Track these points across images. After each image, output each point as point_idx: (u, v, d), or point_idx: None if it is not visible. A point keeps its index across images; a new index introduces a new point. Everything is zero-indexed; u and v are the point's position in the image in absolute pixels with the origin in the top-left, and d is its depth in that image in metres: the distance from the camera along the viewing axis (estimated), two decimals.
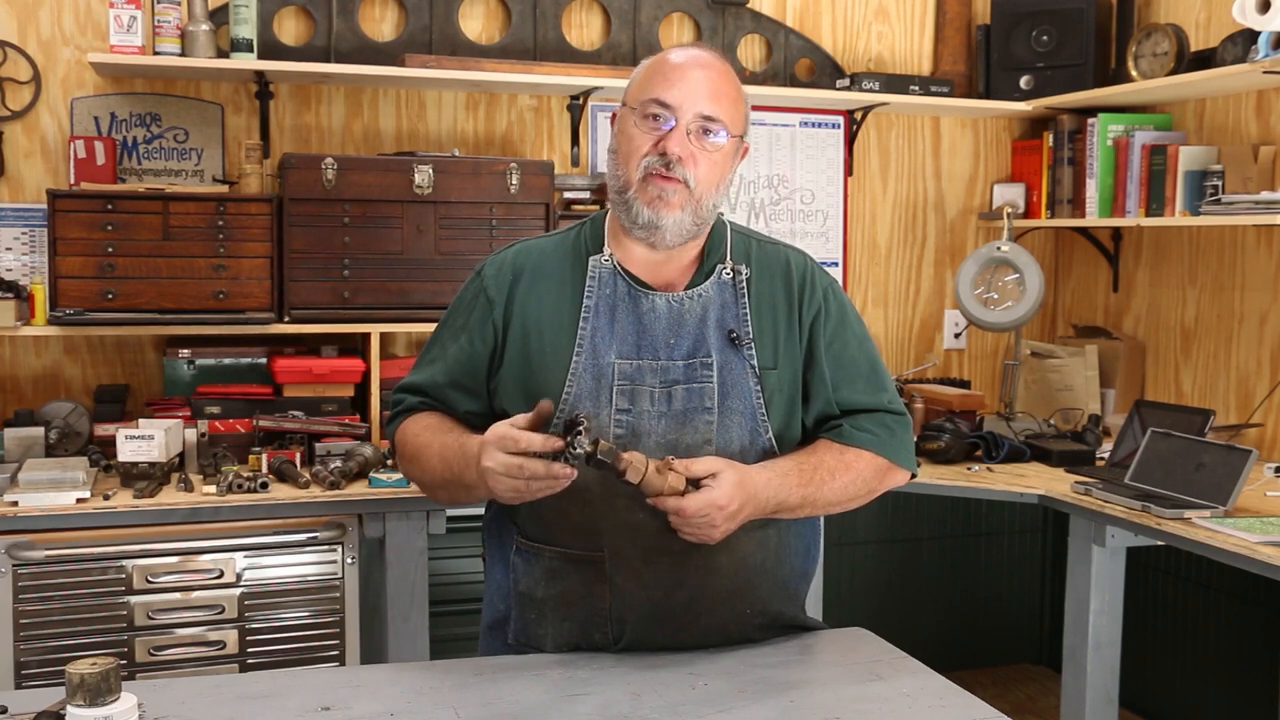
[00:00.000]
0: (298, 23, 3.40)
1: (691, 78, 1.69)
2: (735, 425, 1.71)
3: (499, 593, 1.82)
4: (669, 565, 1.69)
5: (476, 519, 3.17)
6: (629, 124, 1.72)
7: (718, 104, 1.70)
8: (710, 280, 1.75)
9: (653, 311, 1.73)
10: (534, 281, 1.77)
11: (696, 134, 1.69)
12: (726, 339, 1.73)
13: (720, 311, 1.74)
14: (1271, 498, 2.83)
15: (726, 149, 1.72)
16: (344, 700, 1.53)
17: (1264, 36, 3.08)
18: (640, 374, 1.70)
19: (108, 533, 2.67)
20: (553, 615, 1.74)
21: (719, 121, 1.70)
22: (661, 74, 1.71)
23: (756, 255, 1.80)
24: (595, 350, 1.71)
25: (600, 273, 1.75)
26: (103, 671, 1.26)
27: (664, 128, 1.68)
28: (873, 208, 4.03)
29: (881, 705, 1.56)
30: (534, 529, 1.76)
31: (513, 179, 3.23)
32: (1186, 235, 3.67)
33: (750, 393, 1.71)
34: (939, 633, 3.99)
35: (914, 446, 1.85)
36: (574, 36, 3.64)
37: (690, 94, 1.68)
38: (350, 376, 3.20)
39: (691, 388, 1.70)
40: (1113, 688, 2.91)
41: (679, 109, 1.68)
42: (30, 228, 3.19)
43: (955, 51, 3.95)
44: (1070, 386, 3.77)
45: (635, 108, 1.71)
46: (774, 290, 1.78)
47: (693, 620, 1.72)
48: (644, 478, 1.54)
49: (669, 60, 1.73)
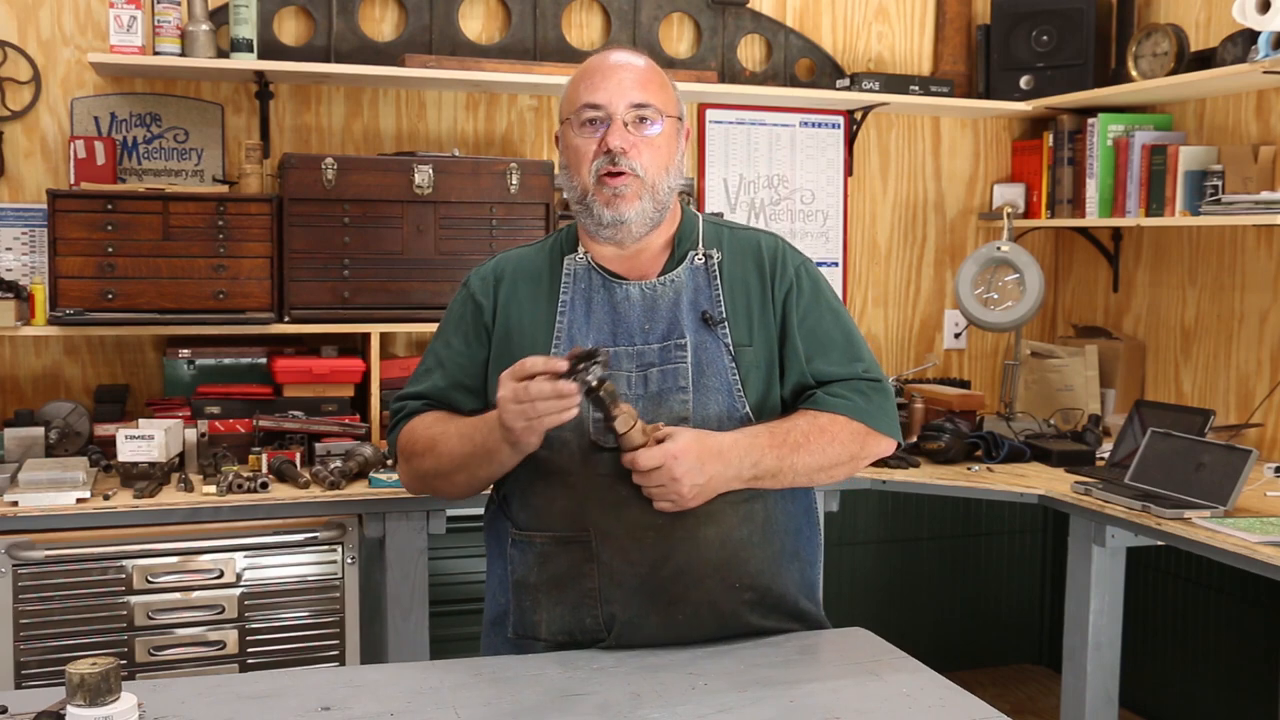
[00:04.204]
0: (298, 23, 3.40)
1: (615, 76, 1.78)
2: (712, 401, 1.77)
3: (499, 586, 1.86)
4: (654, 539, 1.72)
5: (477, 519, 3.17)
6: (570, 136, 1.81)
7: (646, 91, 1.79)
8: (682, 266, 1.83)
9: (627, 300, 1.81)
10: (514, 284, 1.86)
11: (634, 123, 1.78)
12: (701, 320, 1.79)
13: (694, 295, 1.82)
14: (1271, 498, 2.83)
15: (666, 131, 1.81)
16: (344, 700, 1.53)
17: (1264, 36, 3.08)
18: (617, 360, 1.76)
19: (108, 533, 2.67)
20: (545, 600, 1.77)
21: (650, 107, 1.78)
22: (587, 80, 1.80)
23: (728, 240, 1.88)
24: (573, 341, 1.78)
25: (575, 269, 1.84)
26: (103, 671, 1.26)
27: (602, 128, 1.77)
28: (873, 208, 4.03)
29: (881, 705, 1.56)
30: (526, 518, 1.80)
31: (513, 179, 3.23)
32: (1186, 235, 3.67)
33: (725, 369, 1.78)
34: (939, 633, 3.99)
35: (895, 414, 1.87)
36: (574, 36, 3.64)
37: (617, 89, 1.77)
38: (350, 376, 3.20)
39: (666, 369, 1.77)
40: (1113, 688, 2.91)
41: (610, 105, 1.77)
42: (30, 228, 3.19)
43: (955, 51, 3.95)
44: (1070, 386, 3.78)
45: (571, 118, 1.80)
46: (746, 271, 1.85)
47: (681, 594, 1.73)
48: (629, 430, 1.63)
49: (590, 66, 1.83)
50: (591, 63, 1.83)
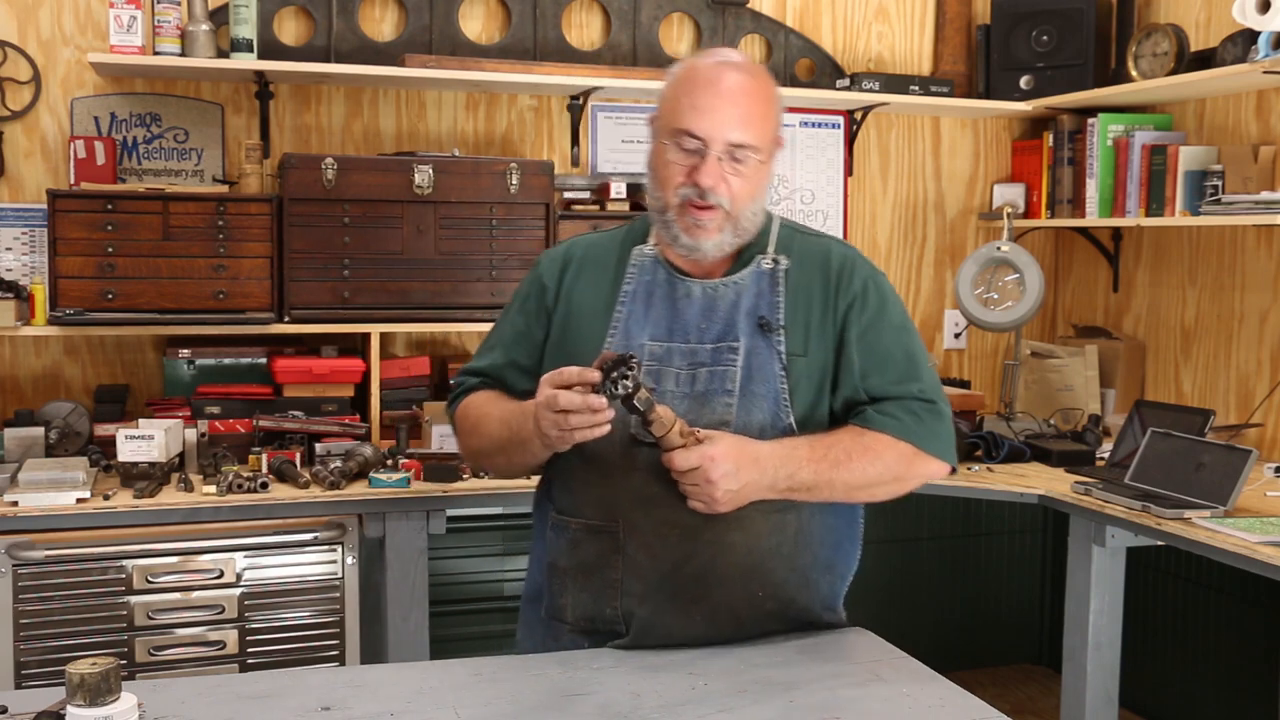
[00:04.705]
0: (298, 23, 3.40)
1: (721, 103, 1.71)
2: (757, 408, 1.74)
3: (537, 565, 1.90)
4: (679, 538, 1.73)
5: (477, 519, 3.18)
6: (662, 150, 1.76)
7: (747, 129, 1.72)
8: (748, 269, 1.81)
9: (688, 297, 1.80)
10: (581, 269, 1.87)
11: (728, 159, 1.72)
12: (757, 325, 1.77)
13: (755, 299, 1.79)
14: (1271, 498, 2.83)
15: (762, 163, 1.76)
16: (344, 700, 1.53)
17: (1264, 36, 3.08)
18: (669, 355, 1.77)
19: (108, 533, 2.67)
20: (572, 585, 1.80)
21: (749, 147, 1.73)
22: (690, 97, 1.73)
23: (799, 246, 1.85)
24: (628, 332, 1.79)
25: (642, 261, 1.84)
26: (103, 671, 1.26)
27: (695, 157, 1.72)
28: (873, 208, 4.03)
29: (881, 705, 1.56)
30: (564, 502, 1.83)
31: (513, 179, 3.23)
32: (1186, 235, 3.67)
33: (775, 377, 1.75)
34: (939, 633, 3.98)
35: (950, 437, 1.81)
36: (574, 36, 3.64)
37: (720, 123, 1.71)
38: (350, 376, 3.20)
39: (715, 370, 1.75)
40: (1113, 688, 2.91)
41: (709, 138, 1.71)
42: (30, 228, 3.19)
43: (955, 51, 3.95)
44: (1070, 386, 3.77)
45: (666, 135, 1.75)
46: (811, 280, 1.81)
47: (702, 596, 1.73)
48: (666, 434, 1.62)
49: (698, 78, 1.74)
50: (700, 73, 1.75)
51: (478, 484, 2.93)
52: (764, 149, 1.76)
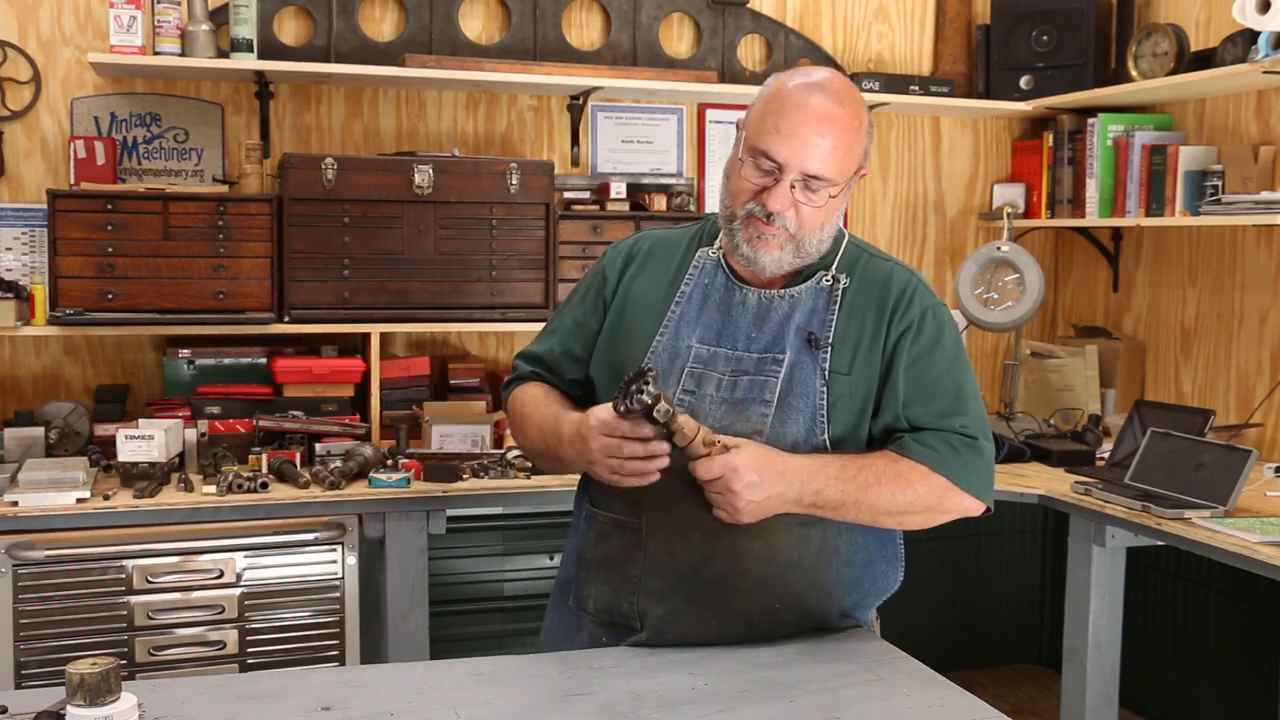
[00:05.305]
0: (298, 23, 3.40)
1: (806, 130, 1.68)
2: (793, 421, 1.73)
3: (569, 555, 1.94)
4: (700, 540, 1.74)
5: (477, 519, 3.18)
6: (740, 162, 1.75)
7: (827, 163, 1.70)
8: (807, 284, 1.80)
9: (742, 304, 1.80)
10: (643, 264, 1.89)
11: (801, 188, 1.71)
12: (805, 341, 1.76)
13: (808, 315, 1.78)
14: (1271, 498, 2.83)
15: (834, 194, 1.73)
16: (344, 700, 1.53)
17: (1264, 36, 3.08)
18: (714, 360, 1.78)
19: (108, 533, 2.67)
20: (594, 577, 1.83)
21: (824, 180, 1.70)
22: (775, 118, 1.70)
23: (862, 267, 1.83)
24: (678, 333, 1.80)
25: (704, 264, 1.85)
26: (103, 671, 1.26)
27: (769, 179, 1.71)
28: (873, 207, 4.03)
29: (881, 705, 1.56)
30: (597, 496, 1.86)
31: (513, 179, 3.23)
32: (1186, 235, 3.67)
33: (814, 392, 1.74)
34: (939, 633, 3.98)
35: (989, 476, 1.77)
36: (574, 36, 3.64)
37: (801, 151, 1.68)
38: (350, 376, 3.20)
39: (757, 380, 1.75)
40: (1113, 688, 2.91)
41: (787, 165, 1.69)
42: (30, 228, 3.19)
43: (955, 51, 3.95)
44: (1070, 386, 3.78)
45: (746, 150, 1.73)
46: (868, 301, 1.79)
47: (720, 601, 1.74)
48: (689, 444, 1.63)
49: (788, 100, 1.71)
50: (789, 95, 1.72)
51: (478, 484, 2.94)
52: (840, 181, 1.72)
